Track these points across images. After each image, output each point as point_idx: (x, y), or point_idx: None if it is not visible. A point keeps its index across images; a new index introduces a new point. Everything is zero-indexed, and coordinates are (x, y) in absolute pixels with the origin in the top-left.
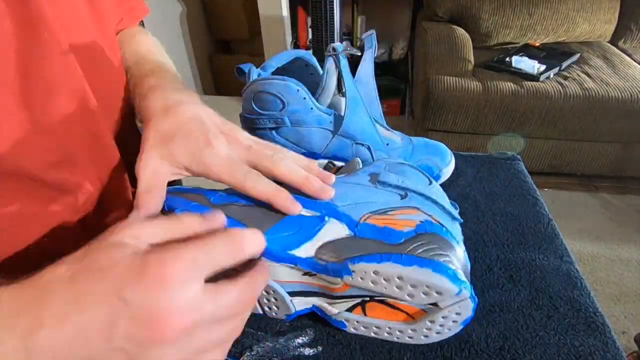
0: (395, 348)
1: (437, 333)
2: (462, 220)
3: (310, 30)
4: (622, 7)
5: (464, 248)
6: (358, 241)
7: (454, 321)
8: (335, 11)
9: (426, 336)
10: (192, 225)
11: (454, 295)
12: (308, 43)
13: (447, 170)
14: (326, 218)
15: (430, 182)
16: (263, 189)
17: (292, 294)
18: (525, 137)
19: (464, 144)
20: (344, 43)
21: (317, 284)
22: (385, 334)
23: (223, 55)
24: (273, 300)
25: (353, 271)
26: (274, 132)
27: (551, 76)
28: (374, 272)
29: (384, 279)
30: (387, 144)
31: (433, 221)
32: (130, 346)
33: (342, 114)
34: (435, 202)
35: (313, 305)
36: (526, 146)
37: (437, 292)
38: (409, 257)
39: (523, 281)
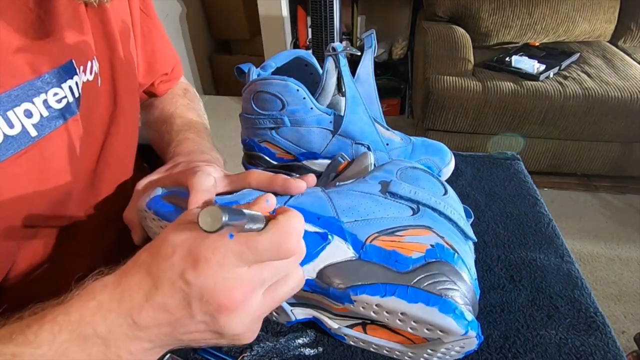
0: None
1: (438, 359)
2: (476, 240)
3: (310, 30)
4: (622, 6)
5: (475, 275)
6: (363, 265)
7: (456, 352)
8: (335, 11)
9: None
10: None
11: (458, 334)
12: (308, 43)
13: (447, 170)
14: (330, 236)
15: (446, 192)
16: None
17: (293, 304)
18: (525, 137)
19: (464, 143)
20: (344, 43)
21: (318, 299)
22: (385, 352)
23: (223, 55)
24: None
25: (355, 301)
26: (273, 132)
27: (551, 76)
28: (376, 305)
29: (387, 312)
30: (387, 144)
31: (445, 245)
32: (207, 318)
33: (342, 113)
34: (449, 218)
35: (314, 317)
36: (526, 146)
37: (441, 331)
38: (414, 292)
39: (524, 281)
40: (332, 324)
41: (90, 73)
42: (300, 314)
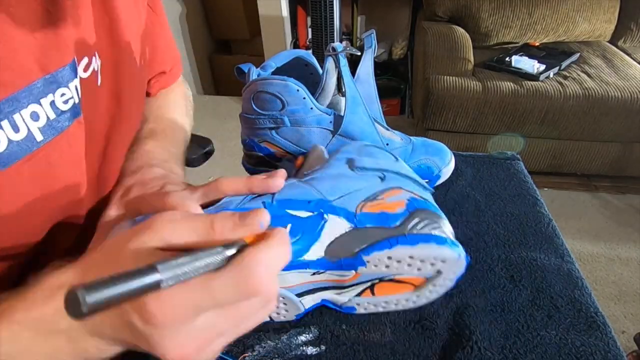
0: (399, 349)
1: (436, 292)
2: (433, 190)
3: (310, 30)
4: (622, 6)
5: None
6: (361, 232)
7: (450, 280)
8: (335, 11)
9: (427, 298)
10: (224, 232)
11: (455, 260)
12: (308, 43)
13: (447, 170)
14: (325, 215)
15: (396, 159)
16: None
17: (301, 294)
18: (525, 136)
19: (464, 143)
20: (344, 43)
21: (325, 280)
22: (393, 306)
23: (223, 55)
24: (282, 305)
25: (367, 261)
26: (273, 132)
27: (551, 76)
28: (387, 258)
29: (397, 261)
30: (387, 144)
31: (416, 197)
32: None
33: (342, 113)
34: (408, 177)
35: (322, 300)
36: (526, 146)
37: (442, 261)
38: (413, 237)
39: (524, 281)
40: (342, 298)
41: (86, 70)
42: (309, 301)
